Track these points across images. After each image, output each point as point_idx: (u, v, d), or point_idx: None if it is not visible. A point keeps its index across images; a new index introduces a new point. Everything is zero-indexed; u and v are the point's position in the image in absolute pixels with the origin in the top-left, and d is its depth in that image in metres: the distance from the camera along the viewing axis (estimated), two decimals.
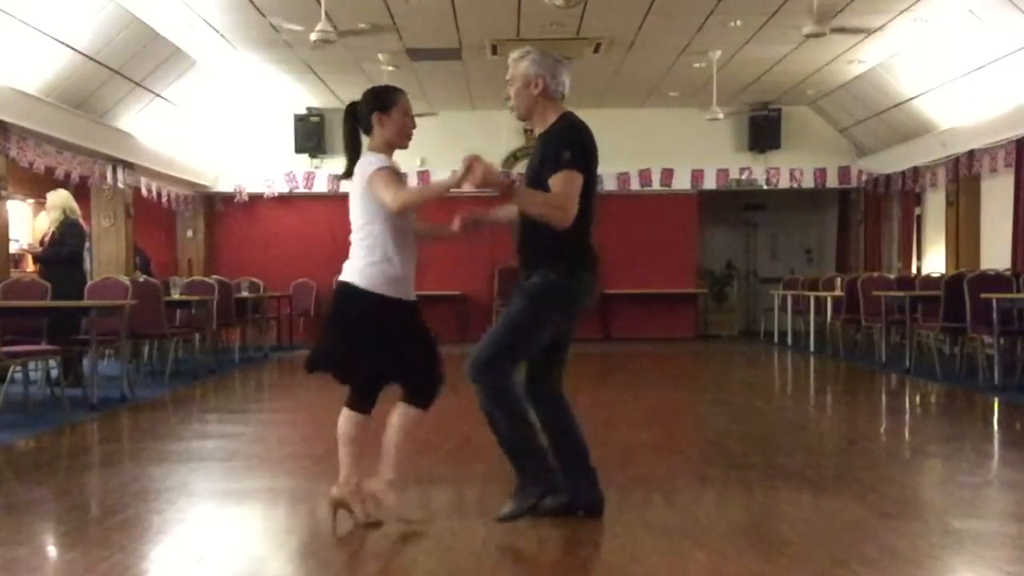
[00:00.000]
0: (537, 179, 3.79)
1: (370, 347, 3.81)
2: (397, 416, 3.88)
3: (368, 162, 3.79)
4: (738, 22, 10.38)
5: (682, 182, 15.09)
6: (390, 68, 11.90)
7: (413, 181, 14.49)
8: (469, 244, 13.77)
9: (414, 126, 3.94)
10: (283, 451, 6.01)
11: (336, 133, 14.85)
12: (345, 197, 3.98)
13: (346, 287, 3.83)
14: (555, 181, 3.70)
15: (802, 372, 11.25)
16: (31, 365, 7.73)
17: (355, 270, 3.82)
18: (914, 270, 13.73)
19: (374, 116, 3.86)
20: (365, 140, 3.95)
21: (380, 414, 3.94)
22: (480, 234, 4.10)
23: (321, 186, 14.96)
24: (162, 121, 12.48)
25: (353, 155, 3.90)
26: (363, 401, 3.91)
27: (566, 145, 3.73)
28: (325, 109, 14.74)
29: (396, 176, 3.77)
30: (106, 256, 12.28)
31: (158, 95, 11.88)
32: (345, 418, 3.91)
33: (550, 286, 3.78)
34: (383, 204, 3.72)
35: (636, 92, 13.84)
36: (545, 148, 3.79)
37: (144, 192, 12.90)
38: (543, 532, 3.79)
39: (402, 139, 3.91)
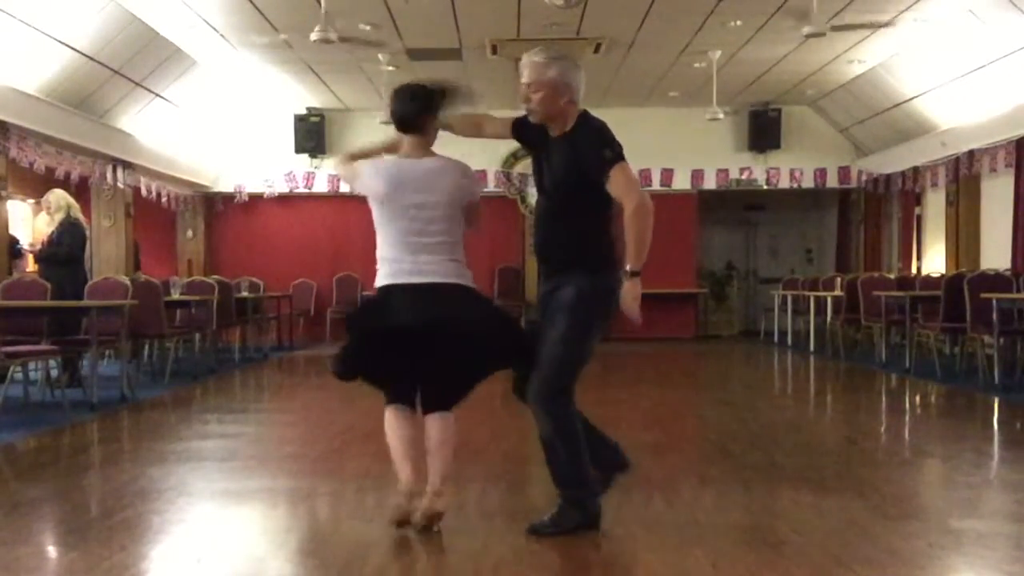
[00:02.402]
0: (575, 181, 3.69)
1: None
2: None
3: (467, 173, 3.93)
4: (738, 22, 10.39)
5: (682, 182, 15.10)
6: (390, 68, 11.91)
7: None
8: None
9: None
10: (283, 451, 6.01)
11: (336, 133, 14.87)
12: (345, 197, 4.01)
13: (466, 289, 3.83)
14: (615, 183, 3.62)
15: (802, 372, 11.24)
16: (31, 365, 7.73)
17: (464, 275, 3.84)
18: (914, 270, 13.73)
19: (430, 117, 3.91)
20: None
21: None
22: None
23: (321, 186, 14.96)
24: (162, 121, 12.48)
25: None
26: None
27: (602, 145, 3.66)
28: (325, 109, 14.74)
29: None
30: (106, 256, 12.29)
31: (158, 95, 11.88)
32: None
33: (590, 295, 3.67)
34: (477, 224, 4.00)
35: (636, 92, 13.85)
36: (579, 153, 3.69)
37: (144, 192, 12.91)
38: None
39: None
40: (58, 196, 8.88)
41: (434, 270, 3.74)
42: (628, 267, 3.62)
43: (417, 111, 3.83)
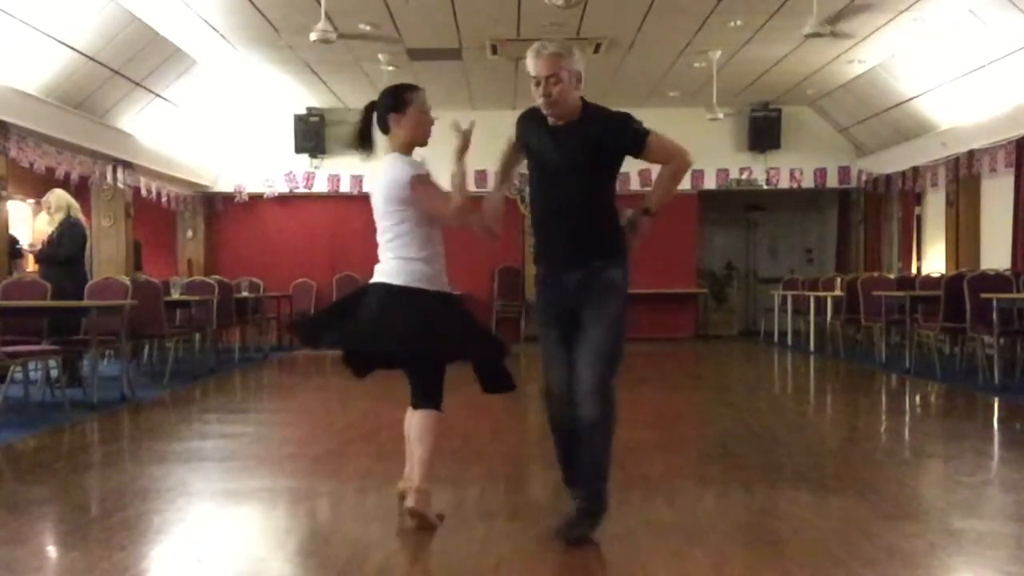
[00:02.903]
0: (599, 167, 3.77)
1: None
2: None
3: (402, 166, 3.83)
4: (738, 22, 10.39)
5: (682, 182, 15.05)
6: (390, 68, 11.91)
7: None
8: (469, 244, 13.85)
9: (431, 123, 3.93)
10: (283, 451, 6.01)
11: (336, 133, 14.85)
12: (345, 197, 4.04)
13: (398, 289, 3.81)
14: (657, 149, 3.81)
15: (802, 372, 11.24)
16: (31, 365, 7.73)
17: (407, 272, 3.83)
18: (914, 270, 13.73)
19: (390, 117, 3.89)
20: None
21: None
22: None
23: (321, 186, 14.96)
24: (162, 121, 12.48)
25: (364, 144, 3.99)
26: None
27: (628, 122, 3.78)
28: (325, 109, 14.73)
29: (436, 183, 3.86)
30: (106, 256, 12.29)
31: (158, 95, 11.88)
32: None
33: (624, 280, 3.74)
34: (434, 214, 3.84)
35: (636, 92, 13.84)
36: (601, 139, 3.74)
37: (144, 192, 12.90)
38: (543, 532, 3.79)
39: (421, 136, 3.93)
40: (59, 196, 8.87)
41: (381, 269, 3.90)
42: (651, 207, 3.83)
43: (380, 114, 3.95)
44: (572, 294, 3.72)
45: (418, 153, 3.98)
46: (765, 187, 15.24)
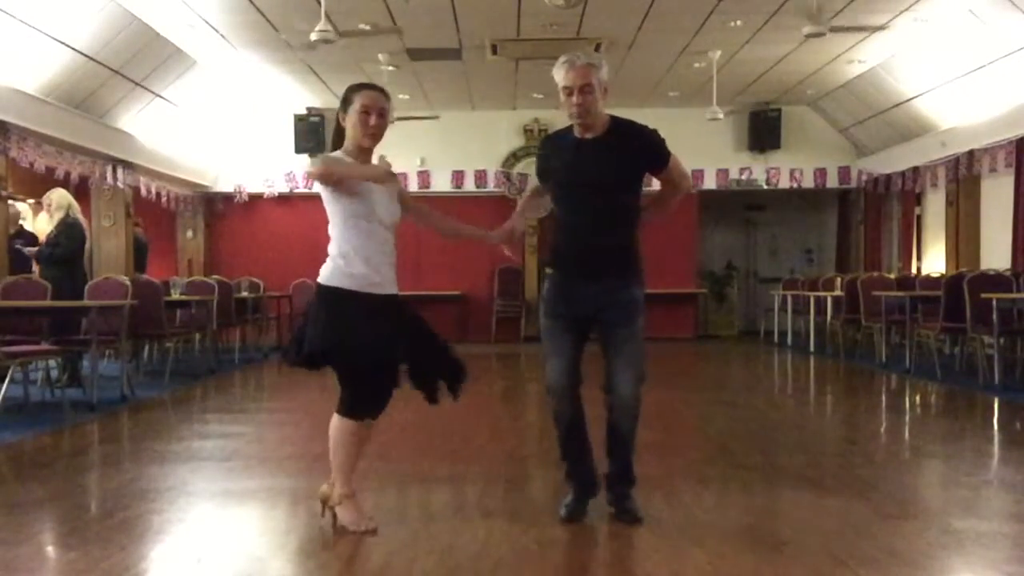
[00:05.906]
0: (630, 182, 3.88)
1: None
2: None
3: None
4: (738, 22, 10.39)
5: None
6: (390, 68, 11.91)
7: (413, 181, 14.53)
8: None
9: (371, 124, 3.81)
10: (283, 451, 6.01)
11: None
12: None
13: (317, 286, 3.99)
14: (674, 167, 3.95)
15: (802, 372, 11.24)
16: (31, 365, 7.72)
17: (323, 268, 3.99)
18: (914, 270, 13.73)
19: (339, 116, 3.93)
20: None
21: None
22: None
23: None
24: (162, 121, 12.48)
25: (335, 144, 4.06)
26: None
27: (658, 139, 3.93)
28: (325, 109, 14.73)
29: (323, 160, 3.93)
30: (106, 256, 12.29)
31: (158, 95, 11.88)
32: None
33: (643, 301, 3.90)
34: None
35: (636, 92, 13.84)
36: (632, 152, 3.86)
37: (144, 192, 12.91)
38: (543, 532, 3.79)
39: (361, 138, 3.85)
40: (60, 195, 8.86)
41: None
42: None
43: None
44: (589, 305, 3.83)
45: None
46: (765, 187, 15.25)
